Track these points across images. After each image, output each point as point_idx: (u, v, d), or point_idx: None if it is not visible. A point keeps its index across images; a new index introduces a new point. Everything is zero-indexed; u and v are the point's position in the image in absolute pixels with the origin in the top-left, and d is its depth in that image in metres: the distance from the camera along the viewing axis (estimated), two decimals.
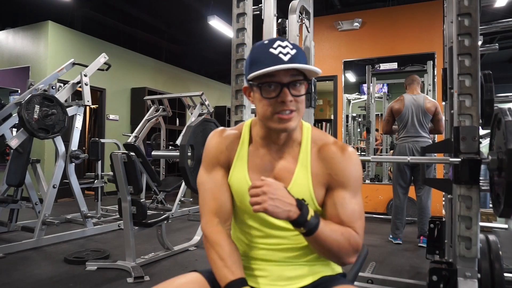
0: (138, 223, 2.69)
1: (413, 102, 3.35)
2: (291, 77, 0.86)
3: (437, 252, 2.07)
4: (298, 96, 0.87)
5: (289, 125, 0.87)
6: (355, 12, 5.09)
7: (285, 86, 0.85)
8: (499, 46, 2.18)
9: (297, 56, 0.86)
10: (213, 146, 1.01)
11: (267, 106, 0.87)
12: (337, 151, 0.94)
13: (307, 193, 0.92)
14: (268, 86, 0.86)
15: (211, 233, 0.94)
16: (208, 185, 0.98)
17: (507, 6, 4.86)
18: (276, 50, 0.85)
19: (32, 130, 3.04)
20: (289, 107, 0.86)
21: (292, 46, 0.87)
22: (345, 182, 0.92)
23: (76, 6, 6.21)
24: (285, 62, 0.84)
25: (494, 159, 1.41)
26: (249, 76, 0.87)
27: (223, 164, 0.99)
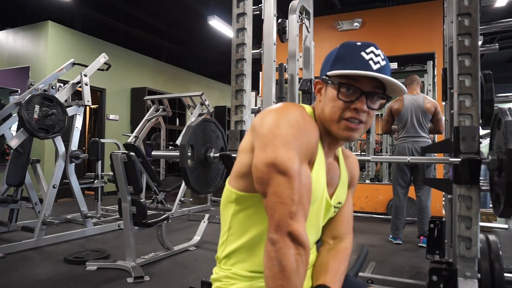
0: (138, 223, 2.69)
1: (413, 102, 3.35)
2: (373, 88, 0.81)
3: (437, 252, 2.07)
4: (372, 110, 0.83)
5: (354, 135, 0.83)
6: (355, 12, 5.09)
7: (364, 95, 0.80)
8: (499, 46, 2.18)
9: (386, 68, 0.82)
10: (312, 131, 0.80)
11: (338, 108, 0.81)
12: (353, 155, 1.06)
13: (344, 195, 0.98)
14: (347, 89, 0.81)
15: (308, 245, 0.72)
16: (304, 180, 0.74)
17: (507, 6, 4.86)
18: (367, 55, 0.81)
19: (32, 130, 3.04)
20: (360, 117, 0.81)
21: (384, 57, 0.83)
22: (355, 183, 1.04)
23: (76, 6, 6.21)
24: (374, 71, 0.80)
25: (494, 159, 1.41)
26: (332, 72, 0.82)
27: (310, 158, 0.81)
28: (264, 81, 1.98)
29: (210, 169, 1.89)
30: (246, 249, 0.85)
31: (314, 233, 0.94)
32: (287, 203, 0.70)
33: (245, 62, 1.81)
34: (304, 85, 2.22)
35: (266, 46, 1.95)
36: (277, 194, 0.71)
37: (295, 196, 0.71)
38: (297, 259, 0.69)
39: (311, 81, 2.25)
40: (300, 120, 0.77)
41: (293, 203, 0.71)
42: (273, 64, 1.95)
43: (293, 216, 0.70)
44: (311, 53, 2.32)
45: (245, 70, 1.82)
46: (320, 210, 0.91)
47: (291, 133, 0.74)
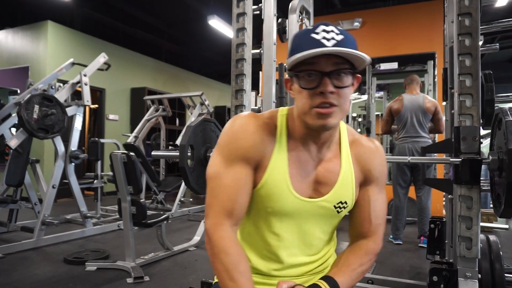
0: (138, 223, 2.68)
1: (413, 102, 3.34)
2: (334, 66, 0.75)
3: (438, 252, 2.06)
4: (342, 88, 0.76)
5: (328, 121, 0.77)
6: (355, 12, 5.09)
7: (326, 75, 0.75)
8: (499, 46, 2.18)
9: (344, 42, 0.75)
10: (245, 136, 0.84)
11: (305, 98, 0.77)
12: (371, 145, 0.92)
13: (349, 196, 0.88)
14: (307, 76, 0.76)
15: (218, 239, 0.80)
16: (226, 180, 0.82)
17: (508, 6, 4.85)
18: (318, 35, 0.75)
19: (31, 130, 3.04)
20: (329, 99, 0.75)
21: (339, 31, 0.76)
22: (378, 178, 0.91)
23: (76, 5, 6.21)
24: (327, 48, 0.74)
25: (495, 159, 1.40)
26: (287, 64, 0.79)
27: (252, 161, 0.83)
28: (264, 81, 1.98)
29: None
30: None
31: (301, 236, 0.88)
32: (206, 205, 0.85)
33: (245, 62, 1.81)
34: None
35: (266, 46, 1.94)
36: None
37: (209, 198, 0.84)
38: (211, 254, 0.81)
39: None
40: (236, 128, 0.85)
41: (207, 205, 0.84)
42: (273, 64, 1.94)
43: (207, 215, 0.84)
44: None
45: (245, 70, 1.81)
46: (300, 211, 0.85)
47: (223, 141, 0.86)
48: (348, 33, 0.78)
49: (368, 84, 5.48)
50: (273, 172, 0.83)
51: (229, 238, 0.81)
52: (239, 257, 0.80)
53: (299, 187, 0.85)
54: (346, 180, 0.87)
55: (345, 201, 0.87)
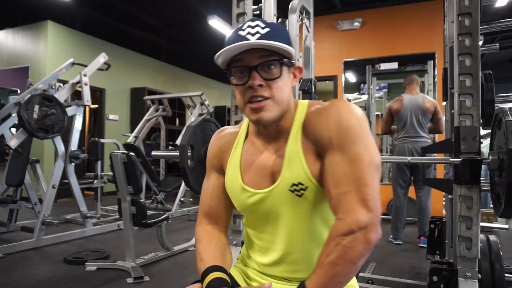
0: (138, 223, 2.68)
1: (412, 102, 3.34)
2: (260, 59, 0.76)
3: (438, 252, 2.06)
4: (271, 80, 0.76)
5: (262, 115, 0.76)
6: (355, 12, 5.09)
7: (253, 69, 0.75)
8: (499, 46, 2.18)
9: (270, 34, 0.76)
10: (209, 149, 0.98)
11: (239, 95, 0.79)
12: (319, 108, 0.81)
13: (302, 175, 0.78)
14: (239, 72, 0.78)
15: (196, 233, 0.94)
16: (204, 187, 0.97)
17: (508, 6, 4.85)
18: (244, 31, 0.77)
19: (31, 130, 3.04)
20: (259, 93, 0.76)
21: (265, 25, 0.77)
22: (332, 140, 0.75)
23: (76, 5, 6.21)
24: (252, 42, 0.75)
25: (495, 159, 1.41)
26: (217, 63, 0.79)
27: (217, 167, 0.95)
28: None
29: None
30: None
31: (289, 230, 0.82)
32: None
33: None
34: (304, 85, 2.21)
35: None
36: None
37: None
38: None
39: (311, 81, 2.24)
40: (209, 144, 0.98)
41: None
42: None
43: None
44: (311, 53, 2.32)
45: None
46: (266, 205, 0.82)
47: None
48: (278, 24, 0.79)
49: (368, 84, 5.48)
50: (229, 173, 0.90)
51: (203, 230, 0.93)
52: (208, 243, 0.89)
53: (255, 182, 0.85)
54: (292, 159, 0.79)
55: (299, 182, 0.77)
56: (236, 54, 0.76)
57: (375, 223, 0.70)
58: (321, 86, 4.92)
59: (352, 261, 0.70)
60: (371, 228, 0.69)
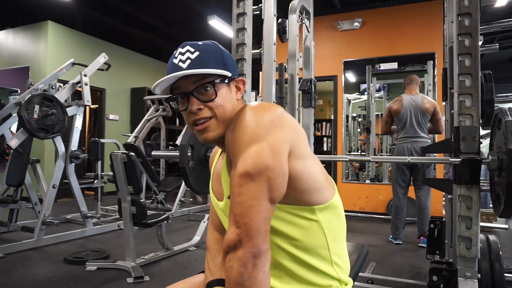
0: (138, 223, 2.68)
1: (412, 102, 3.35)
2: (194, 84, 0.77)
3: (437, 252, 2.06)
4: (210, 101, 0.77)
5: (207, 135, 0.79)
6: (355, 12, 5.09)
7: (190, 95, 0.77)
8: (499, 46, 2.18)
9: (202, 57, 0.78)
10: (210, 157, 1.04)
11: (186, 119, 0.82)
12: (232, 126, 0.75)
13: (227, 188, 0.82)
14: (180, 98, 0.80)
15: (206, 240, 0.99)
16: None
17: (507, 6, 4.85)
18: (176, 59, 0.79)
19: (31, 130, 3.04)
20: (200, 115, 0.78)
21: (194, 49, 0.79)
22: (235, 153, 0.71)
23: (76, 6, 6.21)
24: (184, 69, 0.76)
25: (495, 159, 1.41)
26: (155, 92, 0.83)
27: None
28: (264, 81, 1.98)
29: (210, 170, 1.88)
30: None
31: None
32: None
33: (245, 62, 1.81)
34: (304, 85, 2.22)
35: (266, 46, 1.95)
36: None
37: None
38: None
39: (311, 81, 2.25)
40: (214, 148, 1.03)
41: None
42: (273, 64, 1.94)
43: None
44: (311, 53, 2.32)
45: (245, 70, 1.82)
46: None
47: None
48: (209, 45, 0.80)
49: (368, 84, 5.49)
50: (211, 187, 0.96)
51: (211, 238, 0.98)
52: (217, 252, 0.93)
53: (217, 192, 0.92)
54: (224, 169, 0.82)
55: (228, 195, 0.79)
56: (173, 82, 0.79)
57: (243, 239, 0.65)
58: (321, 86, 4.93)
59: (236, 282, 0.64)
60: (240, 245, 0.65)
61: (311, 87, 2.15)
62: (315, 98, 2.24)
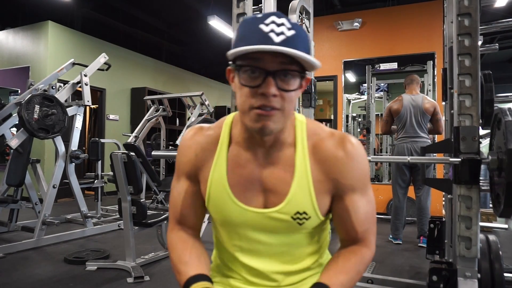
0: (138, 223, 2.69)
1: (412, 102, 3.35)
2: (281, 65, 0.67)
3: (437, 252, 2.07)
4: (286, 91, 0.69)
5: (268, 125, 0.69)
6: (355, 12, 5.09)
7: (270, 75, 0.67)
8: (499, 46, 2.18)
9: (294, 39, 0.67)
10: (182, 153, 0.85)
11: (245, 96, 0.69)
12: (338, 148, 0.77)
13: (309, 205, 0.77)
14: (251, 72, 0.68)
15: (169, 241, 0.87)
16: (174, 193, 0.88)
17: (507, 6, 4.85)
18: (267, 26, 0.66)
19: (32, 130, 3.04)
20: (271, 103, 0.68)
21: (291, 26, 0.68)
22: (354, 185, 0.79)
23: (76, 6, 6.21)
24: (275, 44, 0.65)
25: (494, 159, 1.41)
26: (228, 54, 0.69)
27: (189, 175, 0.85)
28: None
29: None
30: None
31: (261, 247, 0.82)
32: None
33: None
34: None
35: None
36: None
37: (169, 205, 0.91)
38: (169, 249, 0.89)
39: (311, 81, 2.24)
40: (180, 144, 0.87)
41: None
42: None
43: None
44: (311, 53, 2.32)
45: None
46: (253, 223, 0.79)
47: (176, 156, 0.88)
48: (301, 28, 0.70)
49: (368, 84, 5.49)
50: (213, 183, 0.80)
51: (177, 237, 0.87)
52: (183, 250, 0.84)
53: (244, 196, 0.79)
54: (302, 188, 0.77)
55: (304, 211, 0.77)
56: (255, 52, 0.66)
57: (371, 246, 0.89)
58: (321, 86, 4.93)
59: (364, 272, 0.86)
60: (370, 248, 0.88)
61: (311, 87, 2.15)
62: (315, 98, 2.23)
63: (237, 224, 0.81)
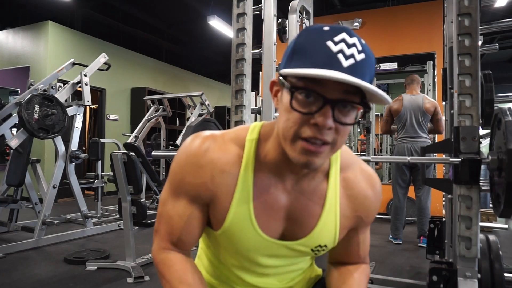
0: (138, 223, 2.69)
1: (412, 102, 3.35)
2: (344, 94, 0.57)
3: (437, 252, 2.07)
4: (343, 125, 0.58)
5: (314, 161, 0.60)
6: (355, 12, 5.09)
7: (329, 104, 0.56)
8: (499, 46, 2.18)
9: (364, 65, 0.56)
10: (188, 170, 0.70)
11: (293, 122, 0.59)
12: (368, 187, 0.75)
13: (331, 240, 0.74)
14: (305, 96, 0.57)
15: (163, 259, 0.76)
16: (171, 212, 0.73)
17: (507, 6, 4.86)
18: (336, 46, 0.56)
19: (32, 130, 3.04)
20: (324, 136, 0.58)
21: (362, 48, 0.57)
22: (371, 221, 0.80)
23: (76, 6, 6.21)
24: (343, 69, 0.54)
25: (494, 159, 1.41)
26: (285, 70, 0.58)
27: (198, 199, 0.71)
28: (264, 81, 1.98)
29: None
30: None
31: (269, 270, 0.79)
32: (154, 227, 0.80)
33: (245, 62, 1.81)
34: None
35: (266, 46, 1.95)
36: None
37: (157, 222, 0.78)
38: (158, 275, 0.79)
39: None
40: (186, 158, 0.71)
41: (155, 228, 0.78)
42: (273, 64, 1.94)
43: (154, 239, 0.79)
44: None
45: (245, 70, 1.82)
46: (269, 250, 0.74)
47: (173, 168, 0.74)
48: (370, 50, 0.59)
49: None
50: (236, 214, 0.70)
51: (173, 257, 0.75)
52: (184, 271, 0.73)
53: (267, 226, 0.71)
54: (328, 224, 0.72)
55: (325, 245, 0.74)
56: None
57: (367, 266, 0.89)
58: None
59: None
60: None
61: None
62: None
63: (251, 252, 0.74)
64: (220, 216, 0.71)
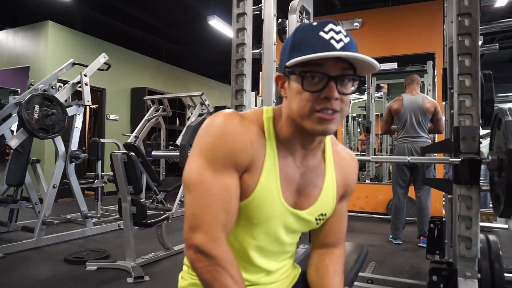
0: (138, 223, 2.69)
1: (412, 102, 3.35)
2: (342, 70, 0.71)
3: (437, 252, 2.06)
4: (345, 95, 0.73)
5: (330, 127, 0.73)
6: (355, 12, 5.09)
7: (333, 80, 0.70)
8: (499, 46, 2.18)
9: (351, 45, 0.72)
10: (234, 138, 0.74)
11: (306, 101, 0.71)
12: (352, 159, 0.92)
13: (330, 208, 0.87)
14: (311, 78, 0.71)
15: (221, 253, 0.70)
16: (215, 189, 0.71)
17: (507, 6, 4.86)
18: (327, 34, 0.70)
19: (32, 130, 3.04)
20: (333, 106, 0.71)
21: (346, 33, 0.73)
22: (352, 191, 0.93)
23: (76, 6, 6.21)
24: (337, 50, 0.69)
25: (494, 159, 1.41)
26: (291, 61, 0.71)
27: (242, 167, 0.75)
28: (264, 81, 1.98)
29: None
30: None
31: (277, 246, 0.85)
32: (187, 217, 0.74)
33: (245, 62, 1.81)
34: None
35: (266, 46, 1.95)
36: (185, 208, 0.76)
37: (194, 209, 0.72)
38: (210, 270, 0.70)
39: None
40: (221, 128, 0.73)
41: (193, 217, 0.72)
42: (273, 64, 1.95)
43: (195, 228, 0.72)
44: None
45: (245, 70, 1.82)
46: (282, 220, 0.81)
47: (205, 142, 0.74)
48: (350, 35, 0.75)
49: (368, 84, 5.49)
50: (267, 182, 0.76)
51: (229, 252, 0.73)
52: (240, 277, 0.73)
53: (286, 197, 0.80)
54: (328, 193, 0.85)
55: (325, 213, 0.86)
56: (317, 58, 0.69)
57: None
58: None
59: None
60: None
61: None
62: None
63: (272, 221, 0.80)
64: (252, 183, 0.76)
